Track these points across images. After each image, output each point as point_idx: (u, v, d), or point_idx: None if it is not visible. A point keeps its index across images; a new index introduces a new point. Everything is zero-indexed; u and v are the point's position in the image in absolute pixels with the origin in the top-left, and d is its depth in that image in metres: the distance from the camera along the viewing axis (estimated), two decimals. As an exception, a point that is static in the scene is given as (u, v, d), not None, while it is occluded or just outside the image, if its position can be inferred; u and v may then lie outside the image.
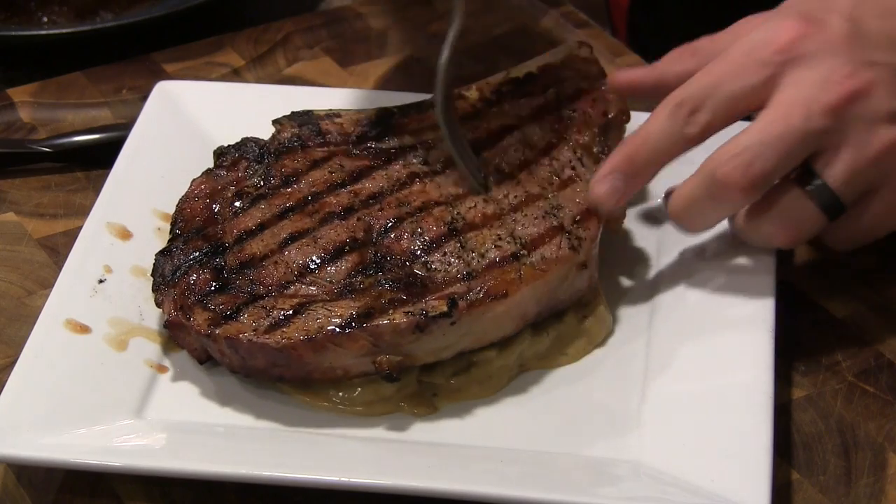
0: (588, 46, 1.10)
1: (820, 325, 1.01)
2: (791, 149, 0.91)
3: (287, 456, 0.89)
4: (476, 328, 0.93)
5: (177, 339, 0.95)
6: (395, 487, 0.85)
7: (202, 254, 0.96)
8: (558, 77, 1.07)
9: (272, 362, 0.91)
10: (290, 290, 0.93)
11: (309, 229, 0.96)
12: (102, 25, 1.30)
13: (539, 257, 0.95)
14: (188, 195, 1.01)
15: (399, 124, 1.04)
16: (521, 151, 1.02)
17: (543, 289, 0.95)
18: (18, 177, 1.15)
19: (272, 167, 1.01)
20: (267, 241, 0.96)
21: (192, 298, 0.93)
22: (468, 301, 0.91)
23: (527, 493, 0.84)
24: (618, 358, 0.97)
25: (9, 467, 0.91)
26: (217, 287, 0.93)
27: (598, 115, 1.05)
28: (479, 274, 0.93)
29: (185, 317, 0.92)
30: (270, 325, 0.91)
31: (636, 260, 1.04)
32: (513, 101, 1.05)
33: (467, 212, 0.98)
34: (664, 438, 0.90)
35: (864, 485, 0.90)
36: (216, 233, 0.98)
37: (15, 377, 0.91)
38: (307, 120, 1.04)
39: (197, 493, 0.89)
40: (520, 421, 0.93)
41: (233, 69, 1.28)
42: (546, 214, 0.97)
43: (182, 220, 0.99)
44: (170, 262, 0.96)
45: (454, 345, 0.93)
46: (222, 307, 0.92)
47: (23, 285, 1.05)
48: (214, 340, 0.92)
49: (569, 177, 1.01)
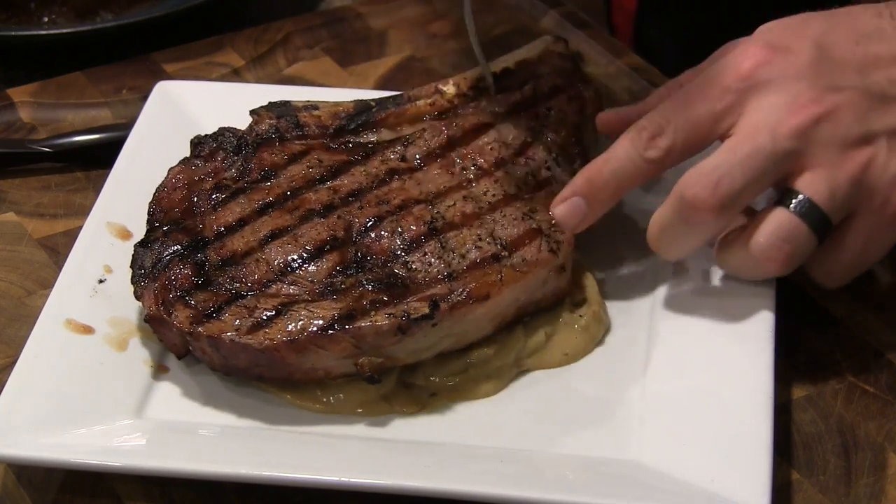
0: (563, 41, 1.10)
1: (820, 325, 1.01)
2: (759, 168, 0.91)
3: (287, 456, 0.89)
4: (456, 329, 0.93)
5: (157, 332, 0.95)
6: (395, 487, 0.85)
7: (183, 247, 0.96)
8: (535, 73, 1.07)
9: (254, 362, 0.91)
10: (272, 288, 0.93)
11: (289, 227, 0.96)
12: (102, 25, 1.30)
13: (520, 259, 0.95)
14: (165, 185, 1.01)
15: (377, 119, 1.04)
16: (498, 150, 1.02)
17: (523, 291, 0.95)
18: (18, 177, 1.15)
19: (250, 159, 1.01)
20: (247, 238, 0.96)
21: (174, 294, 0.93)
22: (450, 303, 0.92)
23: (526, 493, 0.84)
24: (618, 358, 0.97)
25: (9, 467, 0.91)
26: (198, 283, 0.93)
27: (574, 112, 1.05)
28: (461, 275, 0.93)
29: (166, 312, 0.92)
30: (253, 325, 0.90)
31: (636, 260, 1.04)
32: (490, 97, 1.05)
33: (447, 210, 0.97)
34: (664, 438, 0.90)
35: (864, 485, 0.90)
36: (195, 225, 0.98)
37: (15, 377, 0.91)
38: (285, 111, 1.04)
39: (197, 493, 0.89)
40: (520, 421, 0.93)
41: (233, 69, 1.28)
42: (524, 216, 0.97)
43: (160, 211, 0.99)
44: (149, 254, 0.96)
45: (435, 346, 0.93)
46: (204, 305, 0.92)
47: (23, 285, 1.05)
48: (196, 338, 0.92)
49: (545, 178, 1.00)
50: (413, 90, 1.07)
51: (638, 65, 1.28)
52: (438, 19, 1.35)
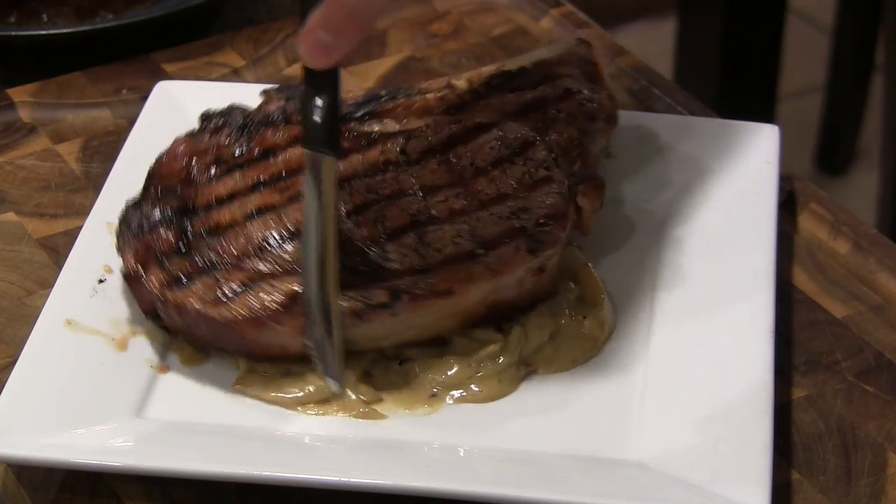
0: (587, 44, 1.09)
1: (820, 325, 1.01)
2: None
3: (288, 456, 0.89)
4: (418, 322, 0.93)
5: (131, 288, 0.97)
6: (395, 487, 0.85)
7: (171, 213, 0.98)
8: (552, 74, 1.07)
9: (215, 334, 0.93)
10: (246, 264, 0.94)
11: (276, 206, 0.97)
12: (102, 25, 1.30)
13: (495, 258, 0.95)
14: (167, 153, 1.03)
15: (384, 109, 1.04)
16: (498, 148, 1.01)
17: (491, 289, 0.95)
18: (18, 176, 1.15)
19: (253, 138, 1.02)
20: (234, 213, 0.97)
21: (153, 255, 0.95)
22: (412, 295, 0.92)
23: (527, 493, 0.84)
24: (618, 358, 0.97)
25: (9, 467, 0.91)
26: (178, 250, 0.95)
27: (584, 118, 1.04)
28: (430, 269, 0.93)
29: (142, 272, 0.94)
30: (218, 297, 0.92)
31: (635, 260, 1.04)
32: (501, 96, 1.05)
33: (435, 205, 0.97)
34: (664, 438, 0.90)
35: (864, 485, 0.90)
36: (188, 195, 0.99)
37: (15, 377, 0.91)
38: (294, 94, 1.05)
39: (197, 492, 0.89)
40: (520, 421, 0.93)
41: (233, 69, 1.28)
42: (512, 215, 0.97)
43: (158, 176, 1.01)
44: (138, 214, 0.98)
45: (394, 335, 0.94)
46: (178, 271, 0.94)
47: (23, 285, 1.05)
48: (164, 303, 0.93)
49: (542, 177, 1.00)
50: (425, 83, 1.07)
51: (638, 65, 1.28)
52: (438, 19, 1.35)
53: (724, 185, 1.07)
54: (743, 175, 1.08)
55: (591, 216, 1.00)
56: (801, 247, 1.07)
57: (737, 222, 1.04)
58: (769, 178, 1.07)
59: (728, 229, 1.03)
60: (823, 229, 1.09)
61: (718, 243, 1.02)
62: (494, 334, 0.96)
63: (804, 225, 1.10)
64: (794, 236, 1.09)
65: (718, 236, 1.03)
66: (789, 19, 2.34)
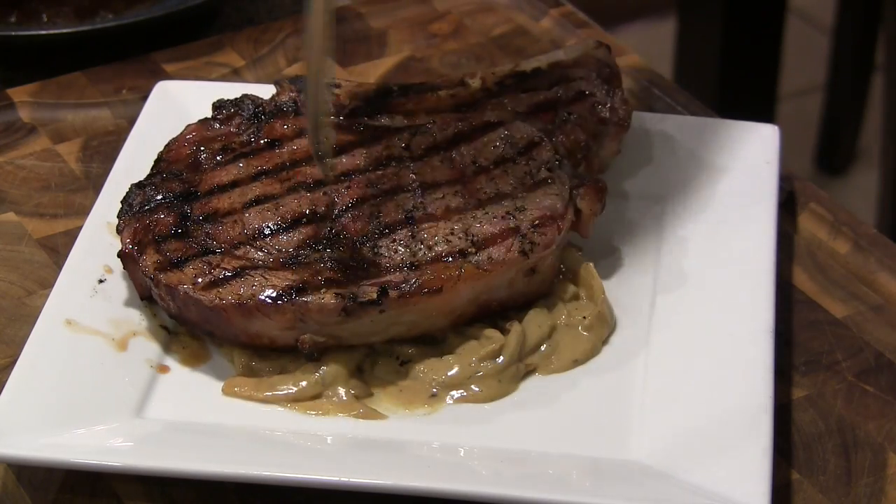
0: (605, 47, 1.09)
1: (820, 325, 1.01)
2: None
3: (287, 456, 0.89)
4: (405, 319, 0.93)
5: (126, 268, 0.97)
6: (395, 487, 0.85)
7: (173, 196, 0.99)
8: (567, 76, 1.06)
9: (204, 318, 0.94)
10: (240, 250, 0.95)
11: (275, 195, 0.98)
12: (102, 25, 1.30)
13: (485, 257, 0.95)
14: (178, 138, 1.04)
15: (395, 103, 1.05)
16: (503, 148, 1.01)
17: (481, 289, 0.95)
18: (18, 176, 1.15)
19: (262, 128, 1.03)
20: (234, 200, 0.98)
21: (150, 237, 0.96)
22: (400, 291, 0.92)
23: (527, 493, 0.84)
24: (618, 358, 0.97)
25: (9, 467, 0.91)
26: (175, 232, 0.96)
27: (594, 121, 1.04)
28: (421, 266, 0.94)
29: (138, 252, 0.95)
30: (209, 282, 0.93)
31: (636, 260, 1.04)
32: (513, 95, 1.05)
33: (432, 203, 0.98)
34: (664, 438, 0.90)
35: (864, 485, 0.90)
36: (193, 180, 1.00)
37: (15, 377, 0.91)
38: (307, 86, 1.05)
39: (197, 492, 0.89)
40: (520, 421, 0.93)
41: (233, 69, 1.28)
42: (507, 215, 0.97)
43: (165, 161, 1.02)
44: (141, 194, 0.99)
45: (383, 332, 0.94)
46: (173, 253, 0.95)
47: (23, 285, 1.05)
48: (156, 284, 0.94)
49: (543, 178, 1.00)
50: (439, 79, 1.07)
51: (638, 65, 1.28)
52: (438, 19, 1.35)
53: (725, 185, 1.07)
54: (743, 175, 1.08)
55: (591, 219, 1.00)
56: (801, 247, 1.07)
57: (737, 222, 1.04)
58: (769, 178, 1.07)
59: (728, 229, 1.03)
60: (823, 229, 1.09)
61: (718, 243, 1.02)
62: (494, 333, 0.96)
63: (804, 225, 1.10)
64: (794, 236, 1.09)
65: (718, 236, 1.03)
66: (789, 19, 2.34)
